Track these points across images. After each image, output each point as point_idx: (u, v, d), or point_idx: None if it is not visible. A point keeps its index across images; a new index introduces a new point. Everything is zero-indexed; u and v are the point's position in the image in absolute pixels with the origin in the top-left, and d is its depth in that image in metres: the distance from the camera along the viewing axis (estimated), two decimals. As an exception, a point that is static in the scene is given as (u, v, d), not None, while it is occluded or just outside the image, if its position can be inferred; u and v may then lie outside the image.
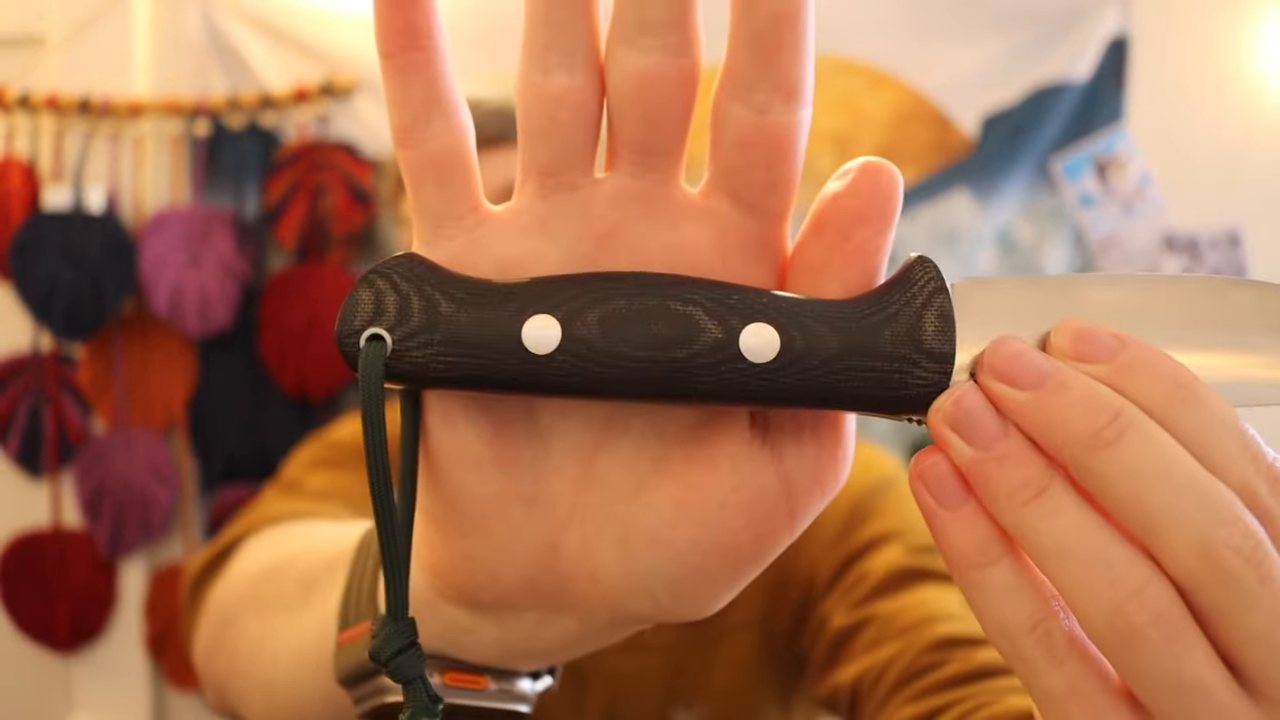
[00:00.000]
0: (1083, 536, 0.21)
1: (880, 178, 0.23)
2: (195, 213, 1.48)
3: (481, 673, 0.31)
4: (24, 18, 1.50)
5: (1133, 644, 0.20)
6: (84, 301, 1.45)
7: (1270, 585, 0.20)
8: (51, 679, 1.56)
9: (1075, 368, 0.22)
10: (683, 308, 0.22)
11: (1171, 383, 0.21)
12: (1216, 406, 0.21)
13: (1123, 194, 1.51)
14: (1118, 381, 0.21)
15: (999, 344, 0.22)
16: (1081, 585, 0.21)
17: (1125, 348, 0.22)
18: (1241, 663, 0.21)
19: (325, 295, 1.48)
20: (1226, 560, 0.20)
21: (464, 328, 0.22)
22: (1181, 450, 0.21)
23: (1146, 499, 0.20)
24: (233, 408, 1.51)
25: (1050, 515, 0.21)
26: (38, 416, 1.52)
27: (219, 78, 1.50)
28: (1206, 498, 0.20)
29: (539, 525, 0.25)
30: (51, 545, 1.52)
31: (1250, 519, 0.20)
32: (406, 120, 0.23)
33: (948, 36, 1.49)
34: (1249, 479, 0.21)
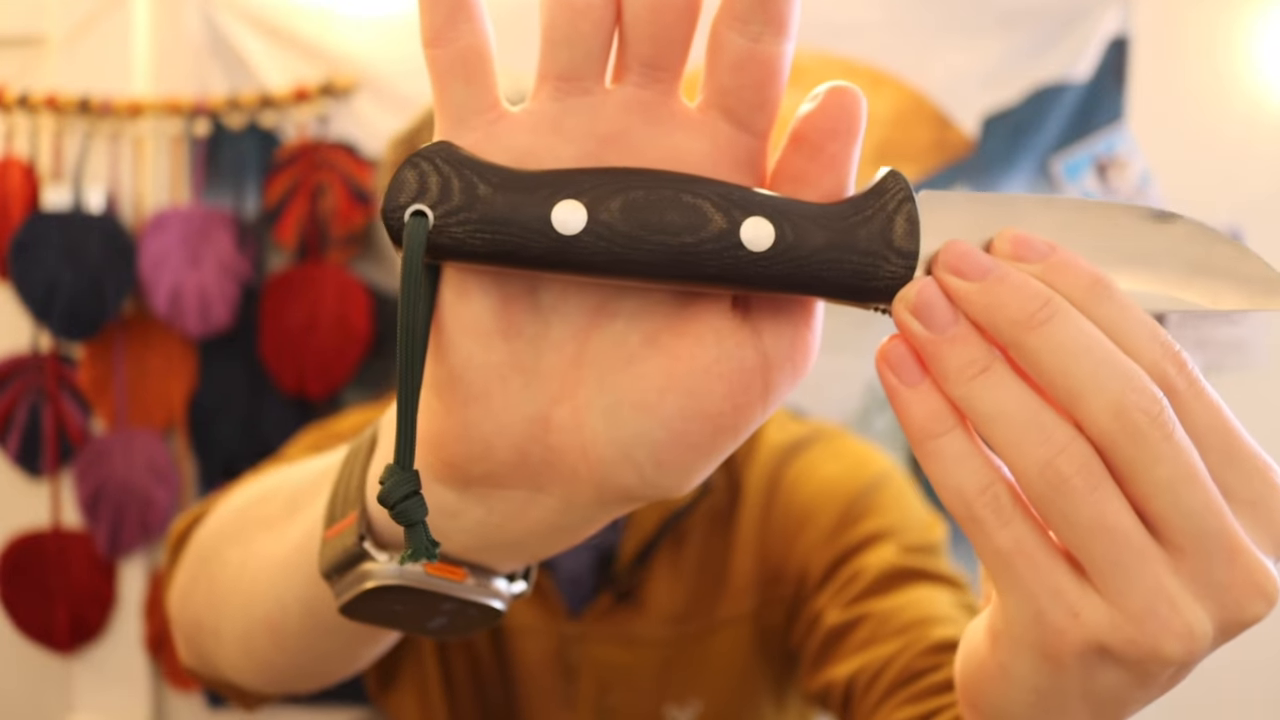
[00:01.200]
0: (1019, 404, 0.25)
1: (845, 98, 0.27)
2: (195, 212, 1.48)
3: (460, 565, 0.33)
4: (24, 17, 1.50)
5: (1062, 492, 0.24)
6: (84, 301, 1.45)
7: (1172, 443, 0.24)
8: (51, 679, 1.55)
9: (1013, 266, 0.26)
10: (693, 200, 0.25)
11: (1091, 279, 0.25)
12: (1129, 302, 0.26)
13: (1123, 194, 1.51)
14: (1047, 277, 0.25)
15: (951, 244, 0.26)
16: (1019, 445, 0.25)
17: (1054, 251, 0.26)
18: (1151, 512, 0.24)
19: (325, 295, 1.48)
20: (1137, 420, 0.24)
21: (499, 208, 0.25)
22: (1099, 332, 0.25)
23: (1071, 370, 0.24)
24: (232, 408, 1.51)
25: (992, 387, 0.25)
26: (37, 416, 1.52)
27: (219, 77, 1.50)
28: (1120, 369, 0.24)
29: (535, 395, 0.27)
30: (51, 545, 1.52)
31: (1156, 389, 0.24)
32: (438, 21, 0.26)
33: (948, 36, 1.49)
34: (1158, 360, 0.25)
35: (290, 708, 1.48)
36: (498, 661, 0.76)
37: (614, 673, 0.74)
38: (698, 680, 0.74)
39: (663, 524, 0.74)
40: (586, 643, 0.74)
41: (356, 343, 1.48)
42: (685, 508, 0.75)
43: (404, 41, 1.50)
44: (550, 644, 0.75)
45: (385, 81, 1.49)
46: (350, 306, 1.48)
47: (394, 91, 1.49)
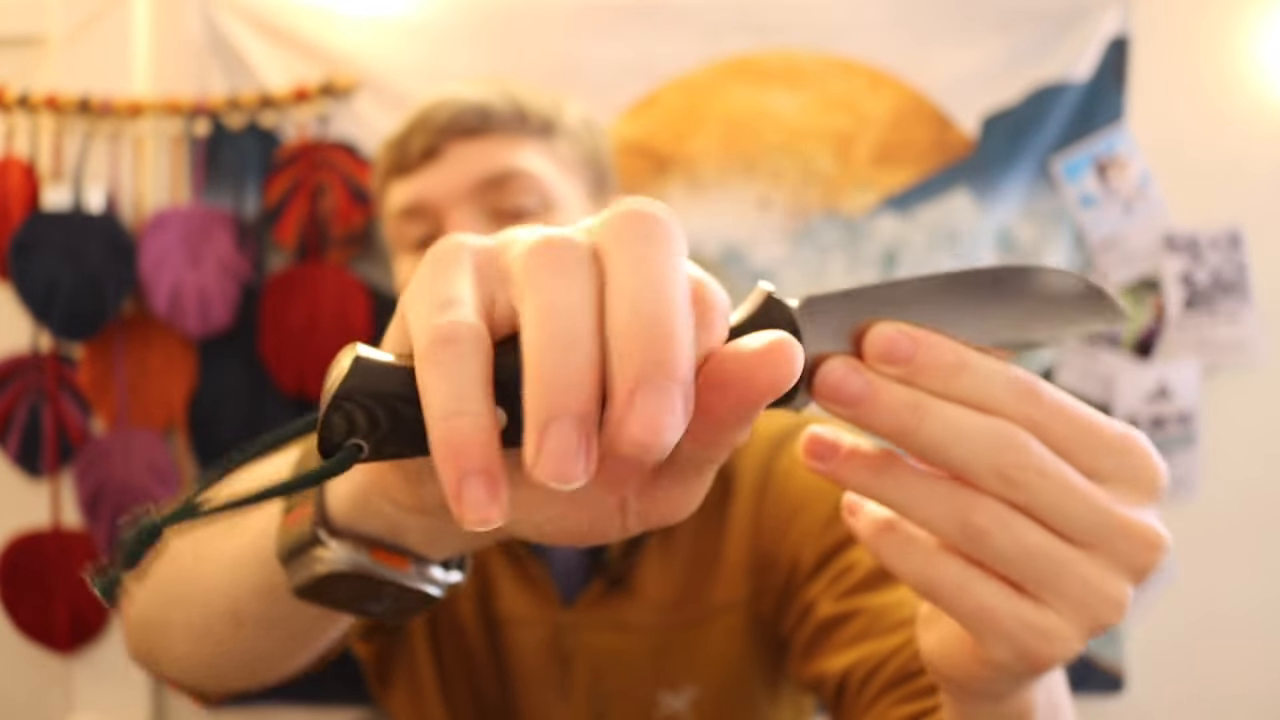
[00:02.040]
0: (923, 488, 0.30)
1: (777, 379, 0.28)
2: (195, 212, 1.48)
3: (405, 555, 0.37)
4: (23, 17, 1.50)
5: (985, 541, 0.29)
6: (83, 302, 1.45)
7: (1046, 475, 0.29)
8: (52, 680, 1.55)
9: (881, 372, 0.29)
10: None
11: (953, 365, 0.29)
12: (988, 367, 0.30)
13: (1123, 194, 1.51)
14: (913, 378, 0.29)
15: (824, 371, 0.29)
16: (936, 519, 0.30)
17: (917, 346, 0.29)
18: (1053, 526, 0.30)
19: (325, 295, 1.48)
20: (1013, 475, 0.29)
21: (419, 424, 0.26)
22: (966, 412, 0.29)
23: (950, 454, 0.29)
24: (233, 408, 1.51)
25: (895, 482, 0.30)
26: (37, 416, 1.52)
27: (219, 77, 1.50)
28: (987, 440, 0.29)
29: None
30: (51, 546, 1.52)
31: (1021, 438, 0.29)
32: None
33: (948, 36, 1.49)
34: (1018, 407, 0.29)
35: (290, 708, 1.48)
36: (492, 653, 0.76)
37: (608, 659, 0.74)
38: (692, 666, 0.75)
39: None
40: (580, 630, 0.75)
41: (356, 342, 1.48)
42: None
43: (404, 41, 1.50)
44: (544, 633, 0.75)
45: (386, 81, 1.49)
46: (350, 306, 1.48)
47: (394, 91, 1.49)
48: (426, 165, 0.74)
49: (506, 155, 0.74)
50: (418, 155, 0.74)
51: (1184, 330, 1.51)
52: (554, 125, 0.77)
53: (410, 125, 0.76)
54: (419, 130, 0.75)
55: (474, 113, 0.74)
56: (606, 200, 0.81)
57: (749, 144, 1.50)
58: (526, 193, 0.73)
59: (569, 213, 0.75)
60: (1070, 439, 0.30)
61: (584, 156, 0.80)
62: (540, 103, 0.77)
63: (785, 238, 1.49)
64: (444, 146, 0.74)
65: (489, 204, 0.73)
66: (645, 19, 1.50)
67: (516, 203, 0.73)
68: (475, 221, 0.73)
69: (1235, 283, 1.51)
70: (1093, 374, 1.52)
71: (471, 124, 0.73)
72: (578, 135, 0.79)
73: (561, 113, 0.79)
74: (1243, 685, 1.53)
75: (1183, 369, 1.51)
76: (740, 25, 1.50)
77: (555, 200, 0.75)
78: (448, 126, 0.73)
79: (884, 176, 1.49)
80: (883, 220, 1.49)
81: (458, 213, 0.73)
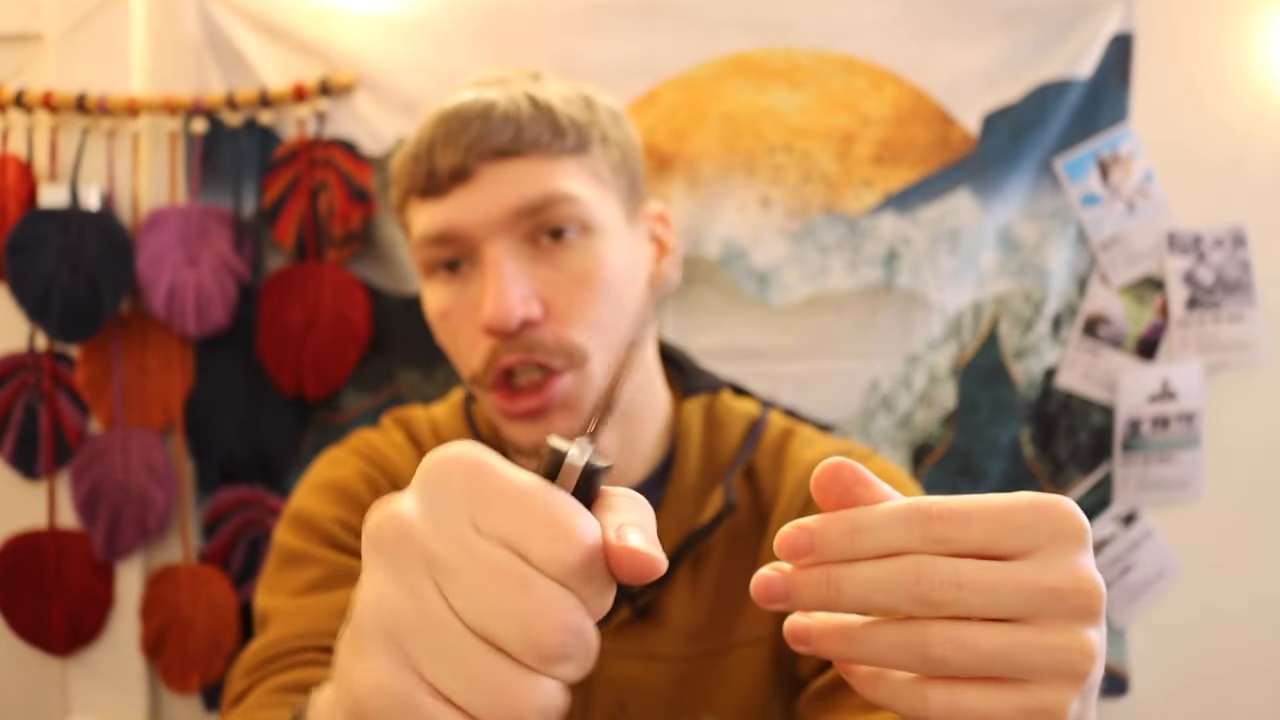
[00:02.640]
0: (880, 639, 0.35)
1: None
2: (192, 211, 1.47)
3: None
4: (20, 14, 1.49)
5: (940, 660, 0.33)
6: (81, 302, 1.44)
7: (961, 586, 0.33)
8: (48, 682, 1.54)
9: (798, 562, 0.35)
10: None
11: (846, 530, 0.34)
12: (875, 519, 0.34)
13: (1126, 193, 1.50)
14: (821, 559, 0.35)
15: (755, 582, 0.36)
16: (892, 658, 0.35)
17: (812, 536, 0.35)
18: (989, 614, 0.34)
19: (324, 294, 1.47)
20: (933, 598, 0.33)
21: None
22: (871, 565, 0.34)
23: (876, 605, 0.34)
24: (230, 407, 1.50)
25: (860, 641, 0.35)
26: (34, 416, 1.51)
27: (216, 75, 1.49)
28: (899, 582, 0.33)
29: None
30: (48, 546, 1.51)
31: (926, 565, 0.33)
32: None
33: (949, 34, 1.48)
34: (921, 535, 0.34)
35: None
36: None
37: (630, 689, 0.73)
38: (712, 698, 0.73)
39: (683, 541, 0.73)
40: (603, 657, 0.74)
41: (355, 342, 1.47)
42: (706, 526, 0.74)
43: (403, 39, 1.49)
44: None
45: (384, 80, 1.49)
46: (349, 306, 1.47)
47: (393, 90, 1.48)
48: (456, 188, 0.69)
49: (544, 178, 0.69)
50: (446, 177, 0.69)
51: (1187, 330, 1.51)
52: (588, 137, 0.72)
53: (433, 139, 0.70)
54: (446, 148, 0.69)
55: (505, 130, 0.68)
56: (640, 208, 0.77)
57: (750, 142, 1.49)
58: (566, 217, 0.69)
59: (608, 235, 0.71)
60: (980, 535, 0.34)
61: (618, 164, 0.75)
62: (572, 110, 0.72)
63: (786, 237, 1.48)
64: (475, 168, 0.68)
65: (526, 229, 0.69)
66: (646, 17, 1.49)
67: (555, 227, 0.69)
68: (512, 247, 0.68)
69: (1239, 282, 1.50)
70: (1095, 374, 1.51)
71: (503, 143, 0.68)
72: (613, 141, 0.75)
73: (595, 117, 0.74)
74: (1247, 686, 1.53)
75: (1186, 369, 1.50)
76: (741, 23, 1.49)
77: (594, 222, 0.70)
78: (477, 145, 0.68)
79: (885, 175, 1.49)
80: (884, 219, 1.48)
81: (494, 242, 0.68)
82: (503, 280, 0.67)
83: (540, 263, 0.69)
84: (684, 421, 0.78)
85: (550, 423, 0.69)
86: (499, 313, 0.66)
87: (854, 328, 1.48)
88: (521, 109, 0.70)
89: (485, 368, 0.69)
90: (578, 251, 0.69)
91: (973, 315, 1.49)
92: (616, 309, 0.70)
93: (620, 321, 0.70)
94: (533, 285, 0.68)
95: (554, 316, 0.68)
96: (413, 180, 0.73)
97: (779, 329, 1.48)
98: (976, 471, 1.50)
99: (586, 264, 0.69)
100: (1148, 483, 1.51)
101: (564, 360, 0.68)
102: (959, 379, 1.49)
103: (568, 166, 0.70)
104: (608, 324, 0.70)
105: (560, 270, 0.69)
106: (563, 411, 0.69)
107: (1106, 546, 1.51)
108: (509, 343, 0.67)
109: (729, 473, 0.75)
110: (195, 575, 1.50)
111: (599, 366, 0.69)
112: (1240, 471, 1.51)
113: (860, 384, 1.48)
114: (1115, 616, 1.52)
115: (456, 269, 0.71)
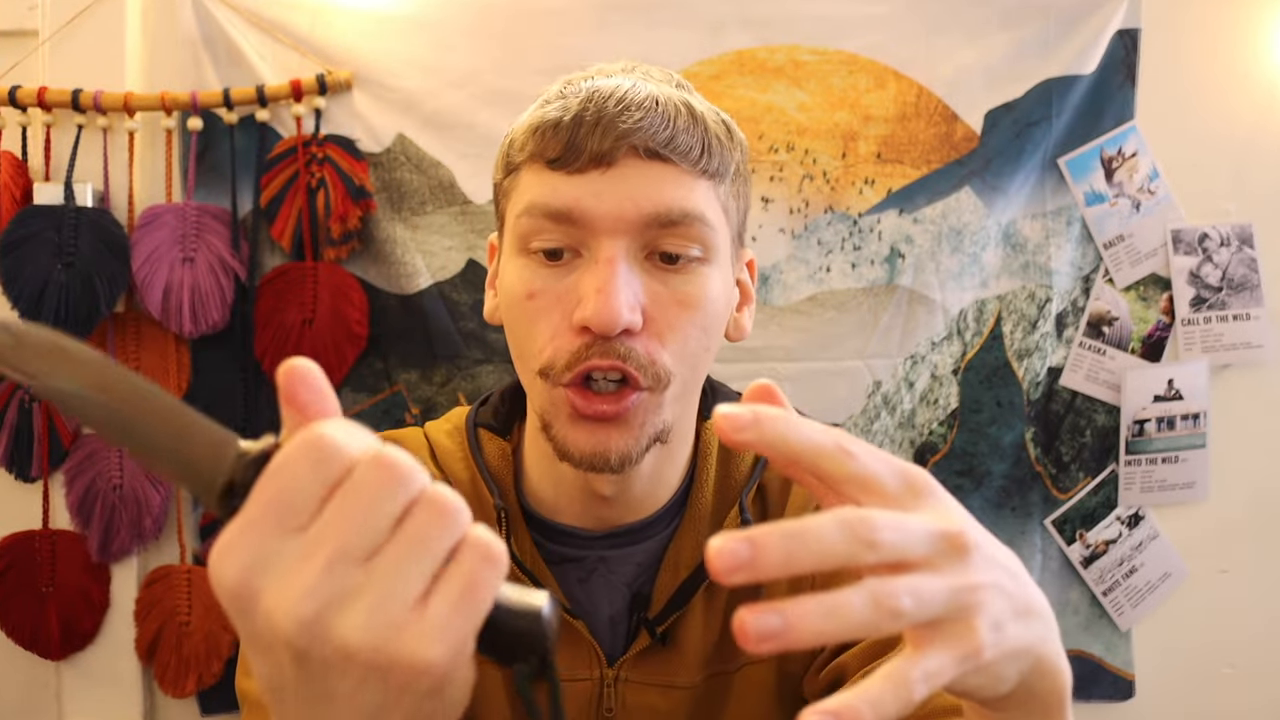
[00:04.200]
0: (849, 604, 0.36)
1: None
2: (188, 209, 1.46)
3: None
4: (15, 11, 1.47)
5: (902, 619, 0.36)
6: (76, 302, 1.42)
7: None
8: (42, 686, 1.53)
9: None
10: None
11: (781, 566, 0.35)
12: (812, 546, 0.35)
13: (1131, 191, 1.49)
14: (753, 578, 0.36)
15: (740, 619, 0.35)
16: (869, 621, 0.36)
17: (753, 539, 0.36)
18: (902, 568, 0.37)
19: (321, 293, 1.45)
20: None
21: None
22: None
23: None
24: (226, 407, 1.48)
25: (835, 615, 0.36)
26: (28, 416, 1.49)
27: (212, 72, 1.47)
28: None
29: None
30: (42, 548, 1.50)
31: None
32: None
33: (953, 31, 1.47)
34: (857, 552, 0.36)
35: None
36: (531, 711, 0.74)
37: (651, 716, 0.72)
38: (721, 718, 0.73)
39: (699, 567, 0.72)
40: (623, 686, 0.72)
41: (353, 342, 1.45)
42: None
43: (401, 36, 1.47)
44: (587, 690, 0.72)
45: (383, 77, 1.47)
46: (346, 305, 1.45)
47: (391, 87, 1.47)
48: (594, 171, 0.65)
49: (686, 192, 0.65)
50: (588, 157, 0.64)
51: (1193, 329, 1.49)
52: (727, 165, 0.69)
53: (582, 113, 0.65)
54: (595, 127, 0.64)
55: (663, 130, 0.65)
56: (740, 250, 0.75)
57: (751, 140, 1.48)
58: (693, 240, 0.66)
59: (718, 269, 0.68)
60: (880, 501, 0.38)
61: (740, 201, 0.72)
62: (720, 133, 0.69)
63: (787, 235, 1.47)
64: (620, 158, 0.64)
65: (649, 240, 0.65)
66: (646, 14, 1.48)
67: (678, 249, 0.65)
68: (630, 252, 0.65)
69: (1246, 280, 1.49)
70: (1100, 374, 1.49)
71: (656, 143, 0.64)
72: (741, 176, 0.72)
73: (734, 147, 0.71)
74: (1253, 686, 1.51)
75: (1192, 368, 1.49)
76: (742, 20, 1.48)
77: (713, 253, 0.67)
78: (631, 135, 0.64)
79: (887, 173, 1.47)
80: (886, 218, 1.47)
81: (614, 240, 0.64)
82: (618, 281, 0.63)
83: (650, 277, 0.66)
84: (705, 445, 0.77)
85: (614, 434, 0.65)
86: (608, 313, 0.62)
87: (856, 327, 1.46)
88: (680, 114, 0.66)
89: (567, 365, 0.65)
90: (691, 276, 0.66)
91: (976, 314, 1.48)
92: (705, 342, 0.68)
93: (703, 357, 0.68)
94: (640, 296, 0.65)
95: (651, 333, 0.65)
96: (543, 146, 0.66)
97: (780, 328, 1.47)
98: (979, 472, 1.48)
99: (696, 291, 0.66)
100: (1153, 483, 1.49)
101: (650, 379, 0.66)
102: (961, 379, 1.48)
103: (705, 189, 0.67)
104: (693, 355, 0.67)
105: (670, 289, 0.66)
106: (629, 427, 0.66)
107: (1112, 547, 1.50)
108: (603, 346, 0.64)
109: (743, 494, 0.74)
110: (191, 577, 1.48)
111: (675, 395, 0.67)
112: (1247, 472, 1.50)
113: (862, 383, 1.47)
114: (1121, 619, 1.50)
115: (558, 258, 0.66)
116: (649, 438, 0.66)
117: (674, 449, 0.73)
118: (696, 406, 0.76)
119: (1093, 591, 1.50)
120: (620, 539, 0.73)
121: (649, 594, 0.72)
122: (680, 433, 0.73)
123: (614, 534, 0.73)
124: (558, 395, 0.66)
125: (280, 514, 0.33)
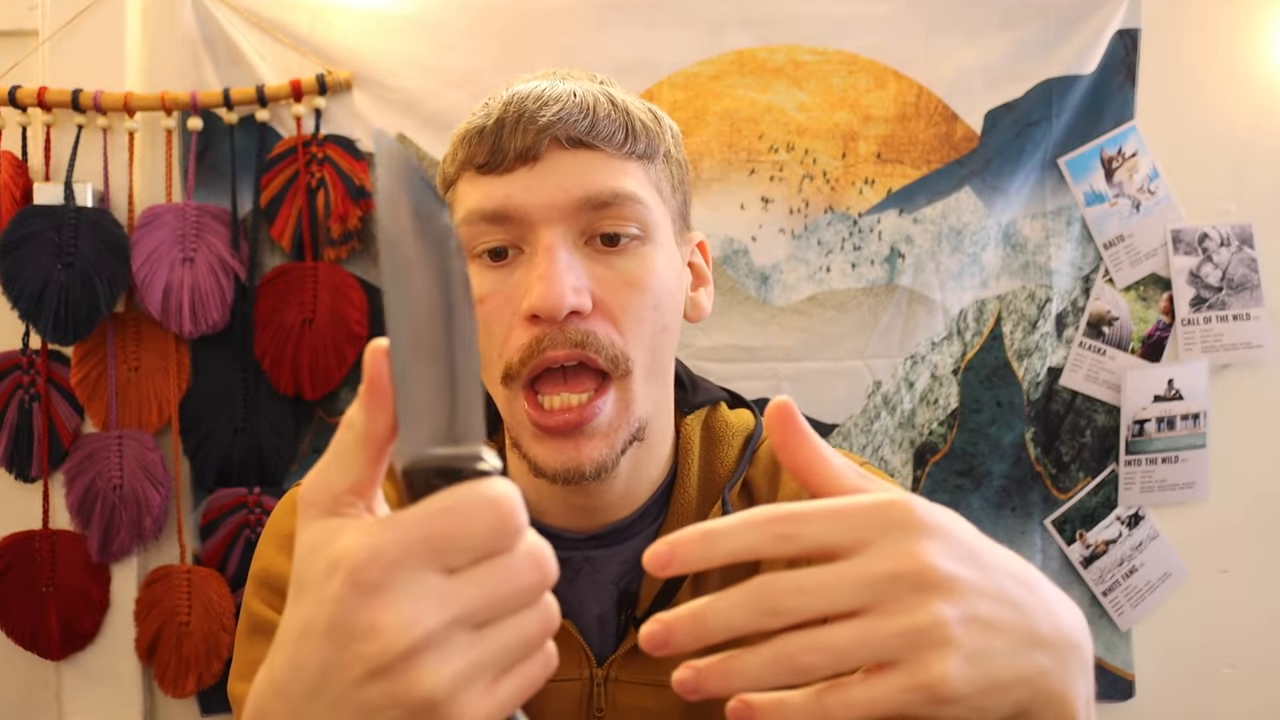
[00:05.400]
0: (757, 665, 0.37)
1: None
2: (188, 209, 1.46)
3: None
4: (15, 11, 1.47)
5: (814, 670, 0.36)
6: (76, 302, 1.42)
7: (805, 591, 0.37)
8: (42, 686, 1.53)
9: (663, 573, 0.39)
10: None
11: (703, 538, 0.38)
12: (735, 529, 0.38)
13: (1131, 191, 1.49)
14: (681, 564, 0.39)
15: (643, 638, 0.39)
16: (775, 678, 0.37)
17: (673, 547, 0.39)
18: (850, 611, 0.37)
19: (321, 293, 1.45)
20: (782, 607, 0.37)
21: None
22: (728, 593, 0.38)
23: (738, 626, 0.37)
24: (226, 408, 1.48)
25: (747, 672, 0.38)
26: (28, 416, 1.49)
27: (212, 72, 1.48)
28: (751, 597, 0.37)
29: None
30: (42, 548, 1.50)
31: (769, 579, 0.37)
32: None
33: (953, 31, 1.47)
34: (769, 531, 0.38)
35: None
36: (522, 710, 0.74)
37: (642, 716, 0.72)
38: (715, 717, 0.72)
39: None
40: (613, 685, 0.72)
41: (353, 342, 1.45)
42: None
43: (402, 37, 1.47)
44: (577, 690, 0.72)
45: (382, 77, 1.47)
46: (346, 305, 1.45)
47: (391, 87, 1.47)
48: (521, 168, 0.66)
49: (614, 175, 0.67)
50: (513, 155, 0.66)
51: (1193, 329, 1.49)
52: (656, 147, 0.70)
53: (503, 117, 0.67)
54: (517, 126, 0.66)
55: (582, 119, 0.66)
56: (686, 233, 0.75)
57: (751, 140, 1.48)
58: (629, 219, 0.66)
59: (661, 247, 0.69)
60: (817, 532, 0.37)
61: (676, 183, 0.73)
62: (645, 118, 0.70)
63: (787, 235, 1.47)
64: (545, 151, 0.66)
65: (585, 225, 0.66)
66: (646, 14, 1.48)
67: (615, 229, 0.66)
68: (568, 239, 0.66)
69: (1246, 280, 1.49)
70: (1100, 374, 1.49)
71: (578, 132, 0.66)
72: (674, 159, 0.73)
73: (663, 131, 0.72)
74: (1253, 686, 1.51)
75: (1192, 368, 1.49)
76: (742, 20, 1.48)
77: (652, 230, 0.68)
78: (551, 129, 0.66)
79: (887, 173, 1.47)
80: (886, 218, 1.47)
81: (551, 229, 0.65)
82: (559, 265, 0.64)
83: (593, 261, 0.66)
84: (685, 439, 0.77)
85: (584, 445, 0.65)
86: (553, 295, 0.62)
87: (856, 327, 1.46)
88: (599, 103, 0.68)
89: (523, 360, 0.65)
90: (633, 257, 0.67)
91: (975, 314, 1.48)
92: (660, 324, 0.68)
93: (661, 339, 0.68)
94: (585, 280, 0.66)
95: (604, 315, 0.65)
96: (472, 153, 0.68)
97: (780, 328, 1.47)
98: (979, 472, 1.48)
99: (640, 270, 0.67)
100: (1153, 483, 1.49)
101: (608, 362, 0.65)
102: (961, 379, 1.48)
103: (635, 170, 0.68)
104: (650, 336, 0.67)
105: (614, 271, 0.66)
106: (599, 434, 0.65)
107: (1112, 547, 1.50)
108: (556, 335, 0.64)
109: (726, 489, 0.74)
110: (191, 577, 1.48)
111: (639, 383, 0.67)
112: (1247, 472, 1.50)
113: (862, 383, 1.47)
114: (1121, 619, 1.50)
115: (502, 258, 0.67)
116: (623, 440, 0.66)
117: (653, 445, 0.73)
118: (672, 399, 0.76)
119: (1093, 591, 1.50)
120: (605, 539, 0.73)
121: (636, 592, 0.72)
122: (657, 428, 0.73)
123: (599, 534, 0.73)
124: (518, 408, 0.66)
125: (441, 550, 0.34)
